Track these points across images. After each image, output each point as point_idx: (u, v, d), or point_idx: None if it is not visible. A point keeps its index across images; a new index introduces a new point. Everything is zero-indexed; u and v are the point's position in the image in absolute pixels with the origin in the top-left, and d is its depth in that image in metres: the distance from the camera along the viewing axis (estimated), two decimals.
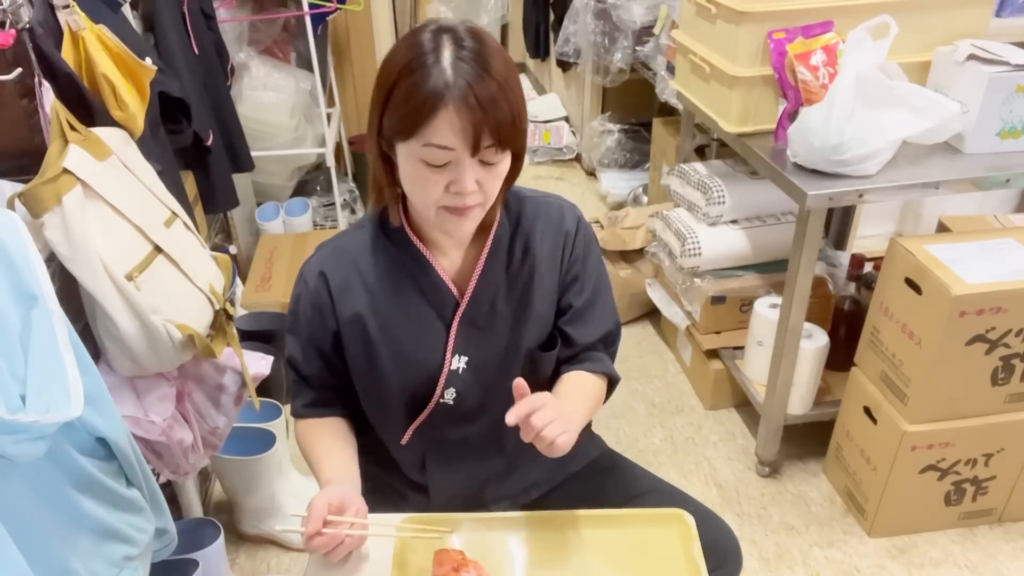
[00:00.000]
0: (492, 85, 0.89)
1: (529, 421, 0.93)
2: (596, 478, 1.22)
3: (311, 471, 1.11)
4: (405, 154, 0.94)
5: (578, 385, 1.14)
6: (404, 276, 1.08)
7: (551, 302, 1.14)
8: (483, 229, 1.08)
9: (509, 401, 1.15)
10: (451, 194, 0.95)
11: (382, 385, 1.11)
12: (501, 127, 0.91)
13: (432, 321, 1.09)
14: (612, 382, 1.20)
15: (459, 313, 1.09)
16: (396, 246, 1.08)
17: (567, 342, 1.16)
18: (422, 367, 1.10)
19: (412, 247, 1.07)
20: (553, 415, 0.94)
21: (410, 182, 0.97)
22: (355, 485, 1.05)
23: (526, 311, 1.12)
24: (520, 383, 0.96)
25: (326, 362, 1.13)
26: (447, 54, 0.90)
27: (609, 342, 1.20)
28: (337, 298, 1.08)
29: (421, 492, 1.19)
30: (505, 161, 0.96)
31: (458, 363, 1.10)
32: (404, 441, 1.16)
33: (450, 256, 1.09)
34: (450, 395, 1.12)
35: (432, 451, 1.17)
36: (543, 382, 1.17)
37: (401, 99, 0.91)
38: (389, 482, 1.21)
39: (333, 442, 1.13)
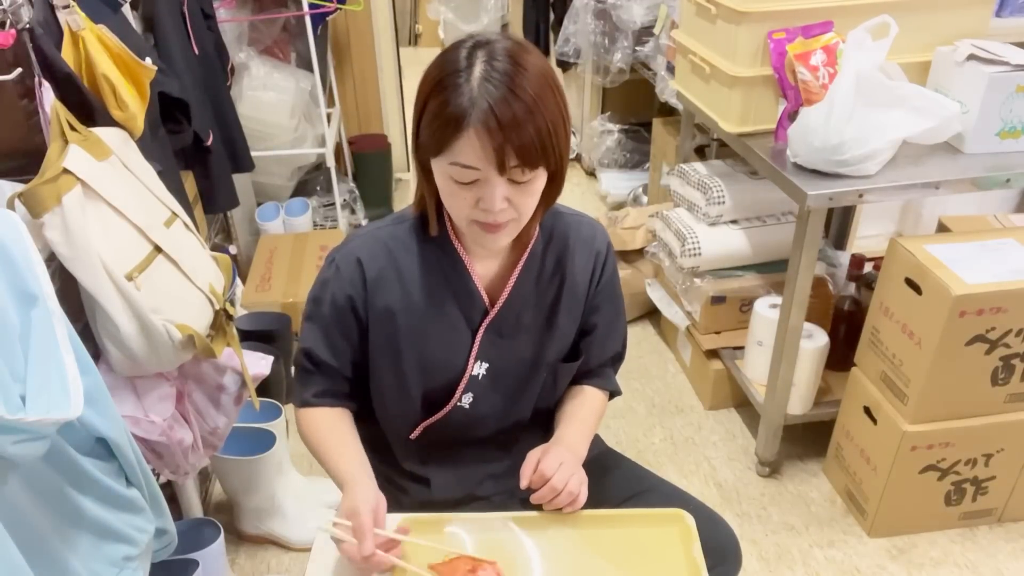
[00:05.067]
0: (517, 106, 0.88)
1: (551, 484, 0.99)
2: (596, 476, 1.22)
3: (320, 460, 1.10)
4: (437, 169, 0.96)
5: (588, 402, 1.20)
6: (439, 277, 1.08)
7: (575, 319, 1.17)
8: (520, 241, 1.08)
9: (523, 410, 1.19)
10: (480, 210, 0.95)
11: (402, 381, 1.12)
12: (525, 148, 0.89)
13: (460, 325, 1.10)
14: (611, 394, 1.27)
15: (487, 320, 1.09)
16: (435, 246, 1.08)
17: (584, 359, 1.20)
18: (444, 369, 1.11)
19: (452, 250, 1.07)
20: (569, 470, 1.02)
21: (444, 195, 0.98)
22: (373, 479, 1.04)
23: (551, 325, 1.14)
24: (529, 464, 1.03)
25: (347, 351, 1.11)
26: (476, 73, 0.89)
27: (617, 360, 1.26)
28: (372, 288, 1.07)
29: (421, 483, 1.20)
30: (539, 179, 0.95)
31: (479, 369, 1.11)
32: (413, 436, 1.17)
33: (485, 263, 1.10)
34: (467, 399, 1.13)
35: (438, 448, 1.18)
36: (559, 392, 1.22)
37: (430, 117, 0.92)
38: (388, 473, 1.22)
39: (346, 434, 1.12)
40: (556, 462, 1.02)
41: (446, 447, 1.18)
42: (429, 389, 1.13)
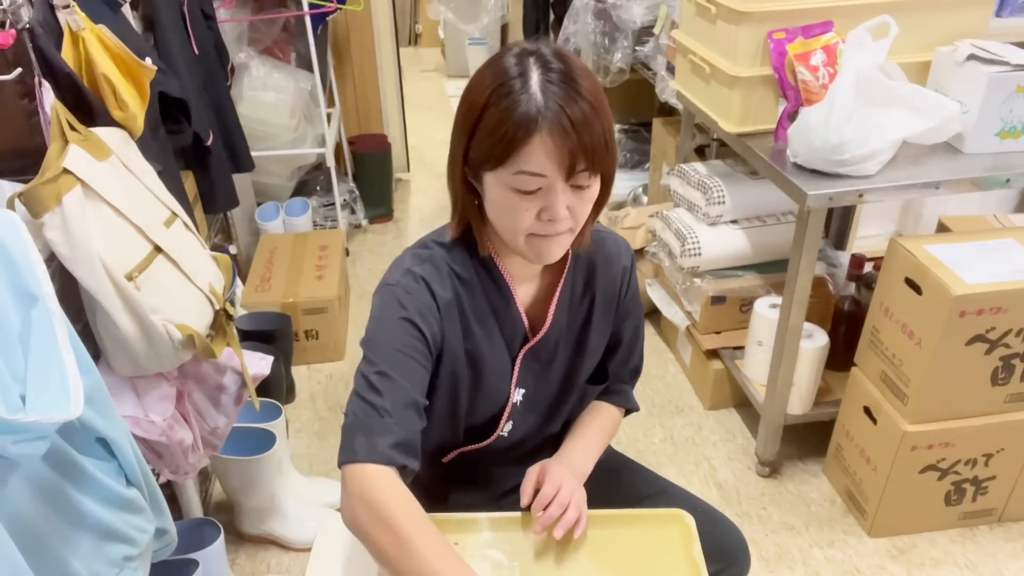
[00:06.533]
0: (585, 107, 0.86)
1: (558, 498, 0.98)
2: (604, 480, 1.22)
3: (390, 568, 0.83)
4: (494, 183, 0.91)
5: (600, 419, 1.19)
6: (487, 302, 1.04)
7: (604, 337, 1.15)
8: (556, 263, 1.05)
9: (553, 432, 1.18)
10: (542, 221, 0.91)
11: (454, 411, 1.07)
12: (595, 150, 0.87)
13: (502, 352, 1.07)
14: (627, 411, 1.25)
15: (528, 346, 1.07)
16: (483, 271, 1.03)
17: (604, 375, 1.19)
18: (492, 397, 1.08)
19: (499, 276, 1.03)
20: (570, 488, 1.00)
21: (499, 210, 0.93)
22: None
23: (582, 346, 1.12)
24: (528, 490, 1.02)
25: (424, 379, 0.96)
26: (535, 78, 0.86)
27: (636, 375, 1.24)
28: (444, 310, 0.99)
29: (437, 501, 1.18)
30: (596, 185, 0.93)
31: (517, 396, 1.09)
32: (446, 460, 1.15)
33: (523, 288, 1.07)
34: (507, 428, 1.11)
35: (465, 470, 1.17)
36: (583, 409, 1.21)
37: (490, 127, 0.87)
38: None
39: (445, 549, 0.85)
40: (558, 480, 1.00)
41: (474, 468, 1.17)
42: (475, 417, 1.09)
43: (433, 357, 0.98)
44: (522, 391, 1.09)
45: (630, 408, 1.24)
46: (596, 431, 1.16)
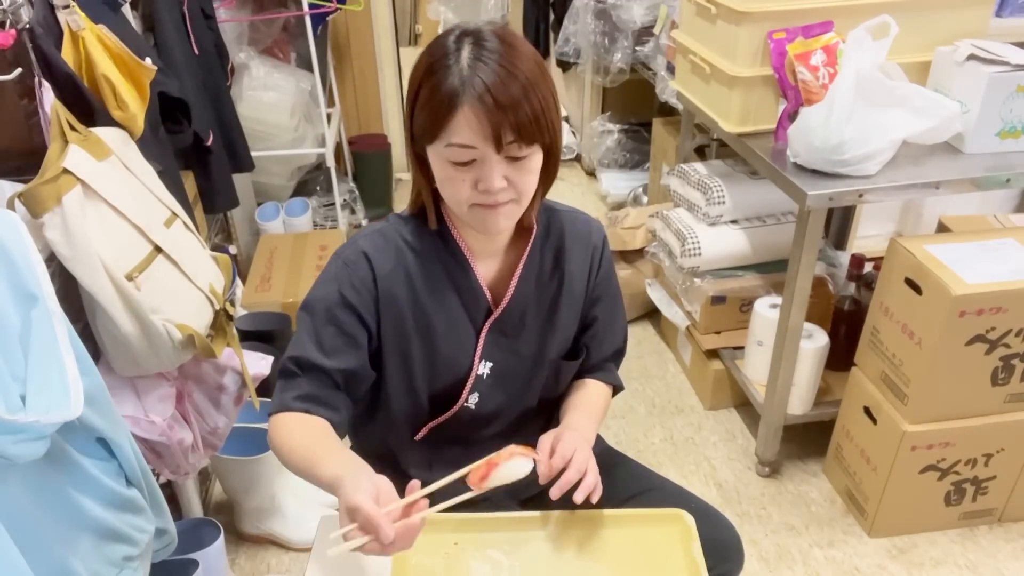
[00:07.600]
0: (510, 82, 0.89)
1: (575, 463, 0.98)
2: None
3: (301, 469, 0.97)
4: (434, 156, 0.95)
5: (592, 396, 1.20)
6: (444, 274, 1.07)
7: (576, 315, 1.17)
8: (520, 237, 1.09)
9: (527, 408, 1.18)
10: (480, 192, 0.95)
11: (409, 381, 1.10)
12: (521, 124, 0.90)
13: (464, 324, 1.09)
14: (615, 389, 1.26)
15: (491, 320, 1.09)
16: (439, 245, 1.07)
17: (585, 355, 1.20)
18: (452, 369, 1.11)
19: (457, 248, 1.06)
20: (585, 453, 1.00)
21: (442, 183, 0.97)
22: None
23: (552, 322, 1.14)
24: (544, 447, 1.01)
25: (343, 351, 1.04)
26: (465, 54, 0.90)
27: (619, 355, 1.26)
28: (382, 283, 1.04)
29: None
30: (535, 156, 0.95)
31: (483, 368, 1.11)
32: (418, 437, 1.16)
33: (487, 263, 1.10)
34: (473, 399, 1.13)
35: (442, 449, 1.18)
36: (562, 389, 1.21)
37: (423, 102, 0.92)
38: (391, 478, 1.21)
39: (330, 438, 1.00)
40: (572, 445, 1.01)
41: (451, 446, 1.18)
42: (436, 388, 1.12)
43: (367, 326, 1.05)
44: (489, 364, 1.11)
45: (616, 385, 1.25)
46: (592, 403, 1.18)
